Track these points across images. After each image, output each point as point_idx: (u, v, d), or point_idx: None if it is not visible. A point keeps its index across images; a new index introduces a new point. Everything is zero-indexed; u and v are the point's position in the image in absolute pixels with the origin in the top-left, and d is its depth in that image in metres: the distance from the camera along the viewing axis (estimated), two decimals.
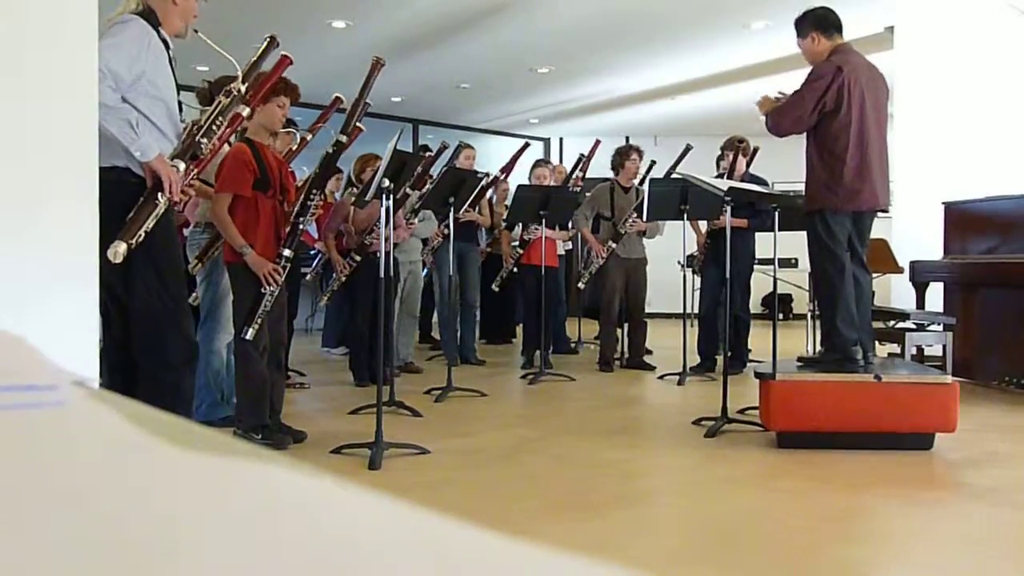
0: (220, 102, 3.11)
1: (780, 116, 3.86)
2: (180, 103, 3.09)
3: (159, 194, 2.79)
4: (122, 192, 2.78)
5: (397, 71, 7.96)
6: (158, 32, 2.89)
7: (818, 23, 3.93)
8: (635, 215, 6.15)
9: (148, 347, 2.89)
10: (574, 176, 7.35)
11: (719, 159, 6.39)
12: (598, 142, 7.64)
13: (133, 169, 2.80)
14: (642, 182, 6.52)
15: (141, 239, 2.74)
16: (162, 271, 2.88)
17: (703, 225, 6.30)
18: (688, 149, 6.75)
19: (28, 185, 2.05)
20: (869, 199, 3.87)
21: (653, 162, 6.91)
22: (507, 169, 7.30)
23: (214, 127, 3.07)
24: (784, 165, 6.70)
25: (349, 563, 0.26)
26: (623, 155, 6.40)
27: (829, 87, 3.78)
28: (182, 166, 2.90)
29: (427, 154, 6.29)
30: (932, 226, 5.90)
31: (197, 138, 3.01)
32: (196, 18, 3.06)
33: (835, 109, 3.79)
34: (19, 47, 2.03)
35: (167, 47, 2.94)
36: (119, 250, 2.68)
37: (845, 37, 4.00)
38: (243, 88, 3.18)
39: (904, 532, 2.72)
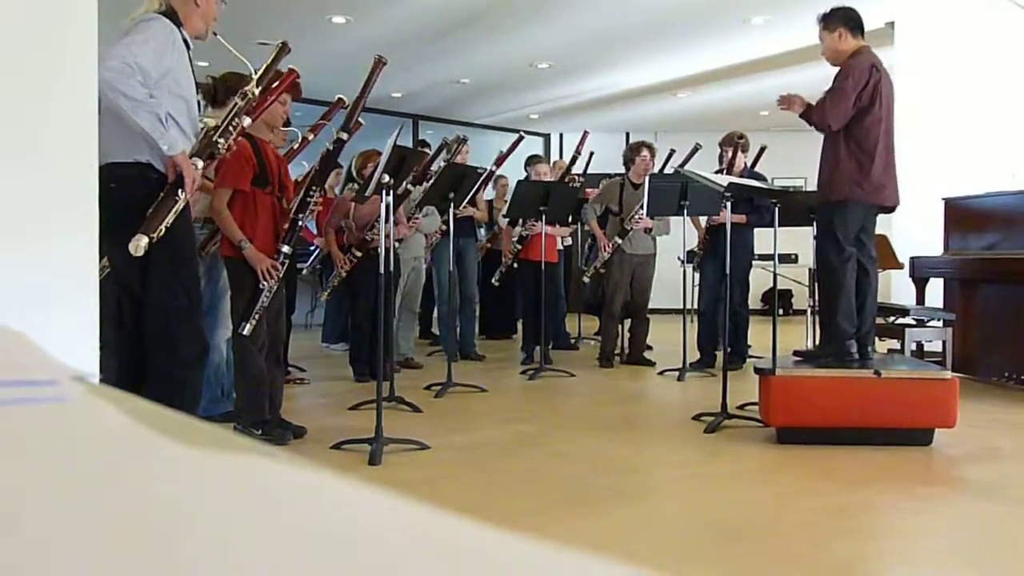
0: (236, 104, 3.15)
1: (826, 112, 3.88)
2: (199, 103, 3.12)
3: (179, 190, 2.82)
4: (143, 187, 2.82)
5: (397, 67, 7.92)
6: (180, 32, 2.92)
7: (848, 21, 3.99)
8: (642, 212, 6.15)
9: (160, 342, 2.91)
10: (571, 172, 7.34)
11: (722, 156, 6.39)
12: (586, 133, 7.62)
13: (155, 164, 2.83)
14: (661, 171, 6.51)
15: (162, 234, 2.77)
16: (178, 267, 2.91)
17: (703, 221, 6.30)
18: (696, 148, 6.73)
19: (27, 185, 2.05)
20: (891, 196, 3.99)
21: (672, 151, 6.83)
22: (499, 161, 7.23)
23: (231, 128, 3.10)
24: (783, 162, 6.71)
25: (350, 558, 0.26)
26: (633, 151, 6.40)
27: (867, 83, 3.85)
28: (200, 164, 2.93)
29: (424, 149, 6.26)
30: (932, 222, 5.90)
31: (214, 138, 3.04)
32: (216, 21, 3.08)
33: (869, 105, 3.87)
34: (19, 47, 2.02)
35: (187, 47, 2.97)
36: (141, 243, 2.72)
37: None
38: (257, 92, 3.22)
39: (904, 527, 2.72)
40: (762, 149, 6.58)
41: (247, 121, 3.26)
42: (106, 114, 2.80)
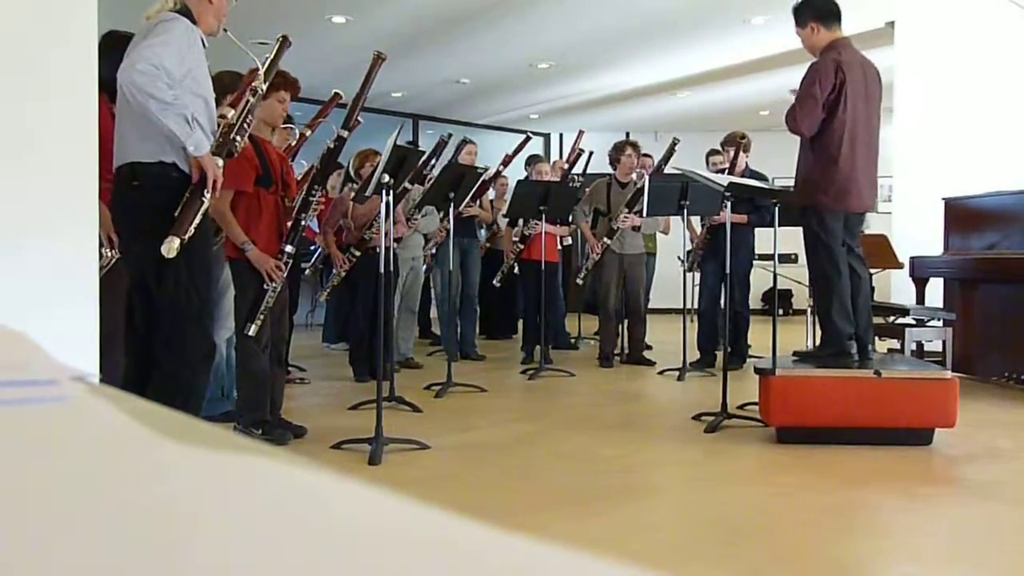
0: (248, 101, 3.16)
1: (798, 118, 3.82)
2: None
3: (204, 190, 2.83)
4: (166, 187, 2.84)
5: (397, 66, 7.92)
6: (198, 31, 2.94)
7: (817, 13, 3.89)
8: (627, 210, 6.15)
9: (168, 341, 2.92)
10: (573, 174, 7.36)
11: (708, 154, 6.38)
12: (581, 132, 7.63)
13: (179, 164, 2.84)
14: (659, 170, 6.46)
15: (191, 235, 2.78)
16: (194, 268, 2.91)
17: (697, 222, 6.29)
18: (675, 143, 6.67)
19: (27, 185, 2.05)
20: (856, 201, 3.91)
21: (676, 139, 6.71)
22: (506, 162, 7.29)
23: (245, 125, 3.11)
24: (783, 160, 6.68)
25: (350, 558, 0.26)
26: (619, 151, 6.41)
27: (833, 87, 3.78)
28: (220, 163, 2.94)
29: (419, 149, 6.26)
30: (932, 221, 5.90)
31: (231, 136, 3.04)
32: (226, 18, 3.09)
33: (833, 109, 3.80)
34: (19, 47, 2.02)
35: (203, 46, 2.98)
36: (173, 245, 2.74)
37: (845, 32, 3.98)
38: (265, 87, 3.23)
39: (903, 527, 2.72)
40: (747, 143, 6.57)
41: (230, 113, 3.27)
42: (127, 114, 2.81)
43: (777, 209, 4.29)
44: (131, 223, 2.91)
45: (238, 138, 3.08)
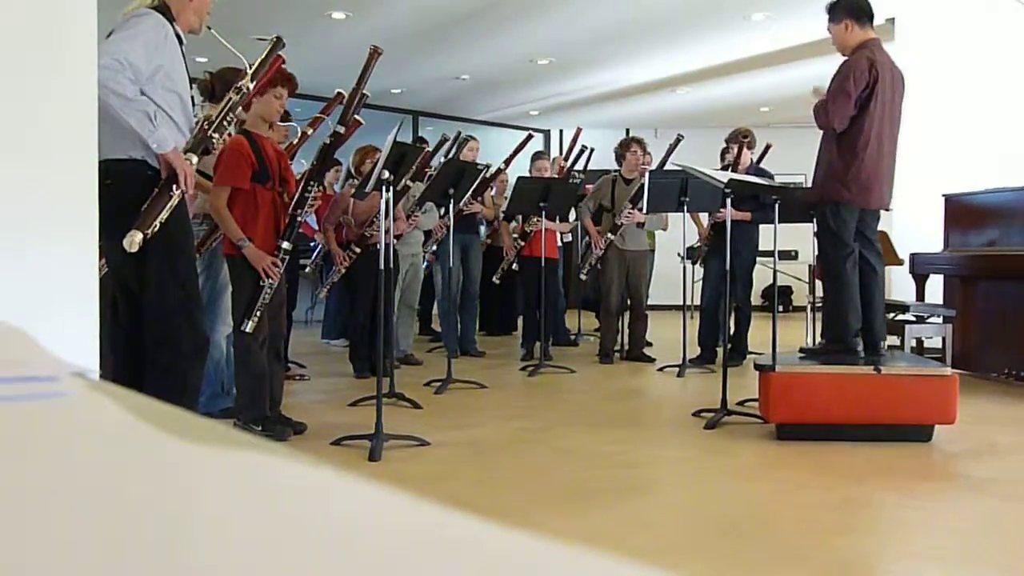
0: (231, 99, 3.14)
1: (831, 112, 3.83)
2: (193, 98, 3.10)
3: (173, 186, 2.82)
4: (138, 184, 2.83)
5: (397, 63, 7.93)
6: (172, 27, 2.92)
7: (853, 11, 3.92)
8: (631, 206, 6.14)
9: (160, 339, 2.91)
10: (574, 170, 7.36)
11: (723, 152, 6.37)
12: (579, 130, 7.62)
13: (149, 161, 2.83)
14: (661, 166, 6.44)
15: (156, 229, 2.77)
16: (175, 264, 2.90)
17: (704, 218, 6.28)
18: (679, 139, 6.63)
19: (27, 184, 2.04)
20: (877, 199, 3.96)
21: (680, 136, 6.66)
22: (508, 161, 7.31)
23: (225, 123, 3.10)
24: (784, 158, 6.69)
25: (350, 554, 0.26)
26: (624, 147, 6.40)
27: (867, 84, 3.81)
28: (195, 159, 2.93)
29: (423, 145, 6.25)
30: (932, 218, 5.90)
31: (209, 133, 3.03)
32: (210, 15, 3.07)
33: (864, 106, 3.84)
34: (19, 47, 2.02)
35: (180, 42, 2.96)
36: (135, 239, 2.73)
37: None
38: (251, 86, 3.21)
39: (903, 523, 2.72)
40: (767, 148, 6.56)
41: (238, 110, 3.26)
42: (100, 111, 2.80)
43: (777, 206, 4.29)
44: (105, 221, 2.90)
45: (215, 135, 3.07)
